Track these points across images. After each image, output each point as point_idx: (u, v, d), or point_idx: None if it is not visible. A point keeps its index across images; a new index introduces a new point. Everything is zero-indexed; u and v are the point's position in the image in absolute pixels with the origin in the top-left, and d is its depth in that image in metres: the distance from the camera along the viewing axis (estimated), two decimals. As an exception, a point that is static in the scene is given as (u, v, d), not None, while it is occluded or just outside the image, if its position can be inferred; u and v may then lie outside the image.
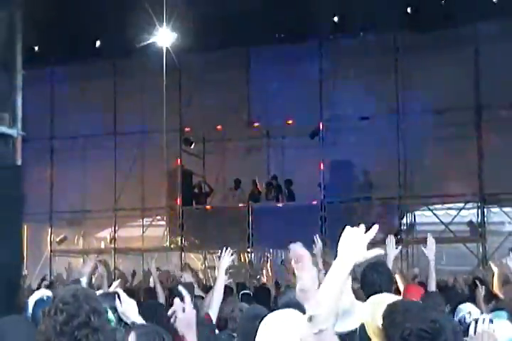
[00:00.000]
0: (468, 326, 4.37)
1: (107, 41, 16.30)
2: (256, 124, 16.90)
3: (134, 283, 12.18)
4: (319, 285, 5.02)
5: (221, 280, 5.32)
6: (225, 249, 5.43)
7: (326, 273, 5.18)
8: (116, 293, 3.57)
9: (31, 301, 4.49)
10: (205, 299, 5.91)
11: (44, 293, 4.70)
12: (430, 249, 5.88)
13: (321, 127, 15.64)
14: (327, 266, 5.91)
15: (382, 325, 2.28)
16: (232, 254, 5.46)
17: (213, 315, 5.02)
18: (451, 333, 2.21)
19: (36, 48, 16.32)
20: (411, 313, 2.20)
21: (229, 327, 5.10)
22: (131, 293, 5.35)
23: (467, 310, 5.50)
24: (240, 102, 16.52)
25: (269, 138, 17.60)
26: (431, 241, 5.92)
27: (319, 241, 5.92)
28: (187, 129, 16.86)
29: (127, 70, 16.66)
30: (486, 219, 15.10)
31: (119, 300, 3.46)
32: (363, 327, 3.46)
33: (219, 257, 5.62)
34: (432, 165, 14.74)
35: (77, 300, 2.42)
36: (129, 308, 3.39)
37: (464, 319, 5.28)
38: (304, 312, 3.95)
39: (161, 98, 16.39)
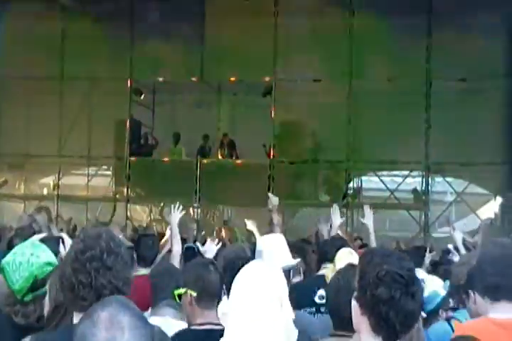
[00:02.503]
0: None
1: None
2: (208, 79, 16.66)
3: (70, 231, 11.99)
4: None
5: (176, 234, 5.26)
6: (173, 205, 5.35)
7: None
8: (60, 237, 3.48)
9: None
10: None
11: None
12: (368, 219, 5.90)
13: (273, 86, 15.50)
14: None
15: (358, 264, 2.30)
16: (182, 209, 5.40)
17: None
18: (420, 287, 2.25)
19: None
20: (390, 259, 2.23)
21: None
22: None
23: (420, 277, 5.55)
24: (193, 55, 16.23)
25: (221, 94, 17.41)
26: (368, 212, 5.94)
27: (274, 197, 5.93)
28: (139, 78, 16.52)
29: (78, 14, 16.13)
30: (429, 187, 15.35)
31: (63, 244, 3.38)
32: None
33: (161, 209, 5.63)
34: (380, 132, 14.84)
35: (99, 237, 2.50)
36: None
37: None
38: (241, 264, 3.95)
39: (111, 45, 16.02)
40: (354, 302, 2.23)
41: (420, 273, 5.64)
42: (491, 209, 14.71)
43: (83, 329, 1.65)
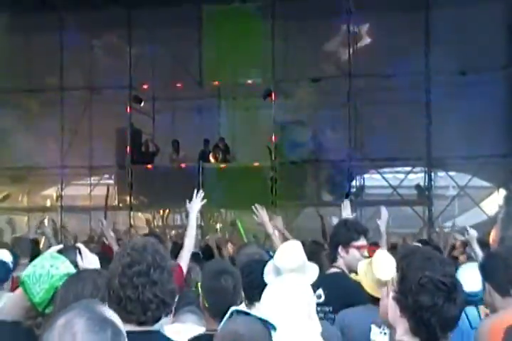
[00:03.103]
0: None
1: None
2: (207, 84, 16.67)
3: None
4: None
5: (192, 226, 5.01)
6: (196, 191, 5.15)
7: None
8: (77, 247, 3.48)
9: None
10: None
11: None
12: (383, 221, 5.84)
13: (272, 88, 15.53)
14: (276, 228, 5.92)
15: (397, 266, 2.26)
16: (203, 198, 5.14)
17: (184, 264, 4.75)
18: (461, 290, 2.23)
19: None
20: (431, 263, 2.20)
21: None
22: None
23: None
24: (191, 61, 16.24)
25: (220, 99, 17.41)
26: (384, 213, 5.87)
27: (261, 209, 5.63)
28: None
29: (75, 24, 16.12)
30: (432, 183, 15.36)
31: (80, 255, 3.38)
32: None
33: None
34: (381, 128, 14.84)
35: (145, 250, 2.52)
36: (91, 264, 3.29)
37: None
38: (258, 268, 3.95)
39: (110, 53, 16.04)
40: (392, 302, 2.22)
41: None
42: (494, 201, 14.73)
43: (44, 335, 1.65)
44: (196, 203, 5.08)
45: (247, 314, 2.44)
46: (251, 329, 2.38)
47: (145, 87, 16.63)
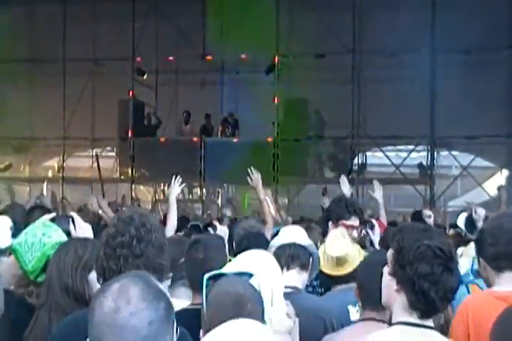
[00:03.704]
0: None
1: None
2: (209, 57, 16.54)
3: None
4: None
5: (173, 209, 5.19)
6: (174, 177, 5.32)
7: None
8: (70, 216, 3.46)
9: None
10: None
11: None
12: (378, 193, 5.97)
13: (276, 63, 15.41)
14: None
15: (393, 240, 2.23)
16: (181, 183, 5.37)
17: None
18: (458, 263, 2.21)
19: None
20: (428, 233, 2.18)
21: None
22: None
23: None
24: (194, 34, 16.10)
25: (224, 73, 17.30)
26: (377, 185, 6.01)
27: (256, 172, 5.85)
28: (138, 59, 16.41)
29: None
30: (435, 162, 15.31)
31: (74, 224, 3.36)
32: None
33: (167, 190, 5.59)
34: (385, 106, 14.74)
35: (132, 221, 2.46)
36: (84, 233, 3.27)
37: None
38: (254, 241, 3.93)
39: (113, 25, 15.90)
40: (388, 278, 2.19)
41: None
42: (497, 182, 14.69)
43: (94, 299, 1.63)
44: (175, 188, 5.29)
45: (223, 275, 2.35)
46: (245, 288, 2.25)
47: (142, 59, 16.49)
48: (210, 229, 6.24)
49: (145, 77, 16.71)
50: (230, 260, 2.94)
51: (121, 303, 1.57)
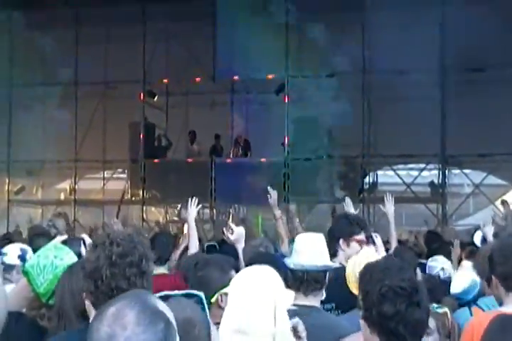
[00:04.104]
0: (444, 281, 4.45)
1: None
2: (221, 79, 16.65)
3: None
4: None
5: (193, 231, 5.21)
6: (190, 199, 5.32)
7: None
8: (82, 238, 3.47)
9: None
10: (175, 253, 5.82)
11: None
12: (389, 208, 5.88)
13: (286, 83, 15.48)
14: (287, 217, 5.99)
15: (359, 280, 2.29)
16: (198, 204, 5.36)
17: None
18: (424, 293, 2.23)
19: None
20: (390, 271, 2.22)
21: None
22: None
23: (440, 266, 5.59)
24: (205, 55, 16.22)
25: (234, 93, 17.39)
26: (389, 200, 5.91)
27: (273, 191, 5.95)
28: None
29: (90, 19, 16.15)
30: (446, 180, 15.25)
31: (85, 246, 3.37)
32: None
33: (179, 211, 5.60)
34: (395, 125, 14.74)
35: (132, 241, 2.47)
36: None
37: (439, 276, 5.36)
38: (270, 260, 3.92)
39: (124, 49, 16.05)
40: (362, 322, 2.21)
41: (439, 260, 5.66)
42: (509, 199, 14.60)
43: (91, 324, 1.60)
44: (192, 210, 5.32)
45: (170, 296, 2.30)
46: (183, 311, 2.21)
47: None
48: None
49: (156, 99, 16.83)
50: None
51: (117, 329, 1.54)
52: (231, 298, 2.45)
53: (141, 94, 16.27)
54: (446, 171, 15.27)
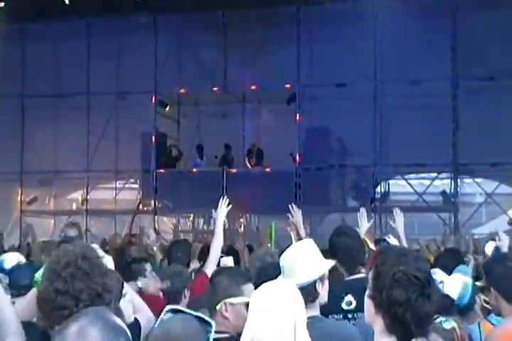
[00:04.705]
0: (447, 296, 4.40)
1: (80, 0, 15.92)
2: (232, 89, 16.70)
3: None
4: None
5: (219, 232, 5.12)
6: (222, 198, 5.23)
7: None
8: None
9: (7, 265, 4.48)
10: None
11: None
12: (399, 223, 5.82)
13: (297, 93, 15.51)
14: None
15: (374, 259, 2.28)
16: (228, 204, 5.24)
17: (210, 271, 4.72)
18: (435, 289, 2.26)
19: (2, 4, 15.95)
20: (406, 259, 2.21)
21: None
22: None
23: (439, 278, 5.51)
24: (216, 65, 16.27)
25: (245, 103, 17.43)
26: (398, 214, 5.85)
27: (296, 209, 5.69)
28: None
29: (102, 30, 16.26)
30: (458, 189, 15.19)
31: None
32: None
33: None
34: (407, 134, 14.71)
35: (74, 247, 2.50)
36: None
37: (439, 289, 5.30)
38: (274, 271, 3.89)
39: (136, 58, 16.14)
40: (368, 301, 2.22)
41: (438, 273, 5.60)
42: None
43: None
44: (222, 210, 5.21)
45: (184, 312, 2.36)
46: (185, 328, 2.30)
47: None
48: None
49: (167, 109, 16.89)
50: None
51: None
52: (252, 311, 2.44)
53: (153, 104, 16.34)
54: (458, 180, 15.21)
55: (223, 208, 5.21)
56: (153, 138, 16.31)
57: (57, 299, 2.36)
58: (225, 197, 5.29)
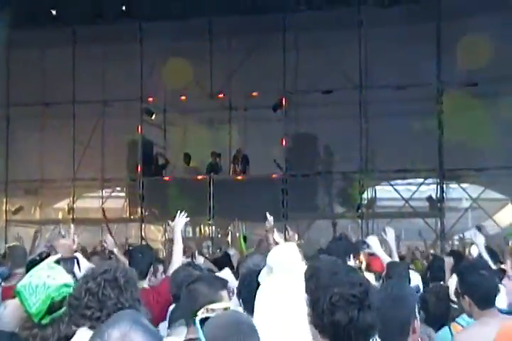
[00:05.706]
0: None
1: (66, 8, 15.89)
2: (219, 96, 16.70)
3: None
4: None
5: (178, 242, 5.25)
6: (179, 212, 5.40)
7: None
8: (75, 257, 3.46)
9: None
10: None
11: None
12: (390, 237, 5.94)
13: (283, 100, 15.54)
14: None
15: (306, 281, 2.26)
16: (186, 216, 5.45)
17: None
18: (373, 292, 2.19)
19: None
20: (338, 278, 2.16)
21: None
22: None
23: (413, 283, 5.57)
24: (202, 73, 16.28)
25: (232, 111, 17.43)
26: (390, 232, 5.96)
27: (270, 217, 5.93)
28: (150, 99, 16.58)
29: (87, 37, 16.22)
30: (445, 194, 15.25)
31: (78, 265, 3.36)
32: None
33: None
34: (393, 140, 14.77)
35: (119, 263, 2.74)
36: None
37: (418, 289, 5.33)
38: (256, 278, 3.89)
39: (122, 66, 16.11)
40: (311, 327, 2.17)
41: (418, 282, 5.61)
42: (507, 213, 14.59)
43: None
44: (180, 220, 5.45)
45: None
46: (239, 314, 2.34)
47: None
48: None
49: (153, 117, 16.85)
50: None
51: None
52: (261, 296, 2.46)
53: (139, 112, 16.30)
54: (444, 186, 15.26)
55: (181, 219, 5.44)
56: (140, 146, 16.27)
57: (85, 298, 2.48)
58: (183, 212, 5.51)
